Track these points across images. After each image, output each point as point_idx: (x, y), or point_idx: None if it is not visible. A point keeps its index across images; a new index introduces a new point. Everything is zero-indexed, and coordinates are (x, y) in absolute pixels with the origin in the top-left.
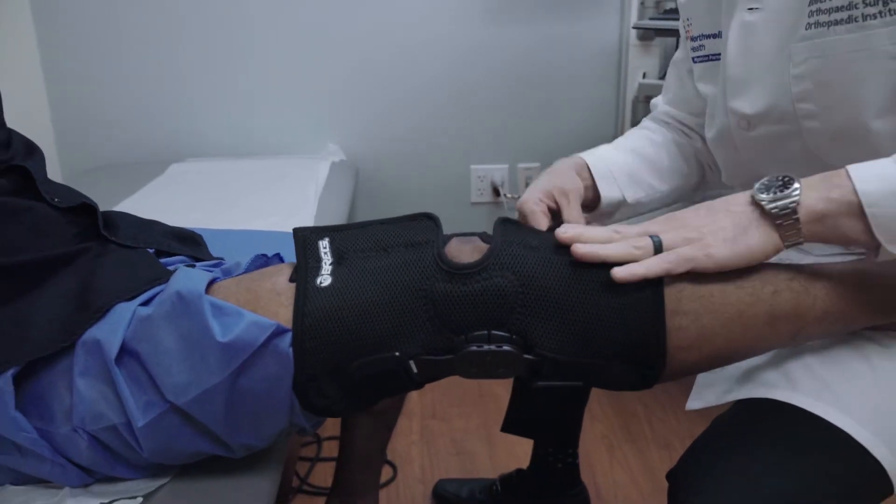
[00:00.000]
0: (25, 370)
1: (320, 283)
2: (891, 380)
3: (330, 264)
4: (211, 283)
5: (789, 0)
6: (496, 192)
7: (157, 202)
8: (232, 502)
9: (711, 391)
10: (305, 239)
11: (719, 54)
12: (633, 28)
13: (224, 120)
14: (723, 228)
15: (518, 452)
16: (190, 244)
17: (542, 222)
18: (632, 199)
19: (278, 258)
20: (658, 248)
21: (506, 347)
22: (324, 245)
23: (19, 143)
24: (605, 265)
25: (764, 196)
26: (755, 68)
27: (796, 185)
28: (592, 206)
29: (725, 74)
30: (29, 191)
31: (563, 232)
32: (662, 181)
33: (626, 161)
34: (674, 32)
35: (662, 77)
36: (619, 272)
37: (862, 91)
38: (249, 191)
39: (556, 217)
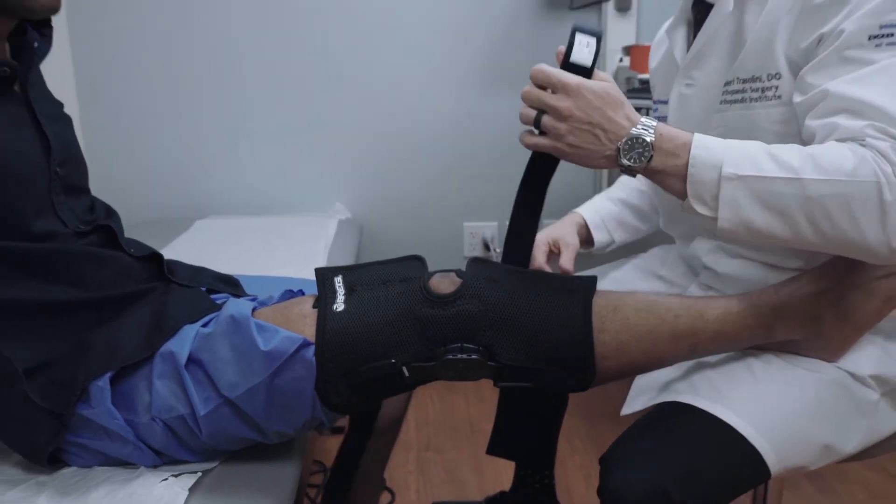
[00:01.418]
0: (116, 375)
1: (336, 308)
2: (769, 386)
3: (343, 294)
4: (253, 309)
5: (713, 81)
6: (486, 246)
7: (188, 253)
8: (265, 479)
9: (638, 400)
10: (324, 275)
11: (666, 117)
12: None
13: (244, 182)
14: (586, 146)
15: (503, 480)
16: (231, 285)
17: (542, 261)
18: (619, 241)
19: (301, 292)
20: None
21: (474, 356)
22: (338, 280)
23: (101, 207)
24: (549, 293)
25: (624, 156)
26: (687, 131)
27: (651, 153)
28: (590, 244)
29: None
30: (112, 244)
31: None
32: (644, 222)
33: (615, 210)
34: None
35: None
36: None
37: None
38: (267, 245)
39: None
